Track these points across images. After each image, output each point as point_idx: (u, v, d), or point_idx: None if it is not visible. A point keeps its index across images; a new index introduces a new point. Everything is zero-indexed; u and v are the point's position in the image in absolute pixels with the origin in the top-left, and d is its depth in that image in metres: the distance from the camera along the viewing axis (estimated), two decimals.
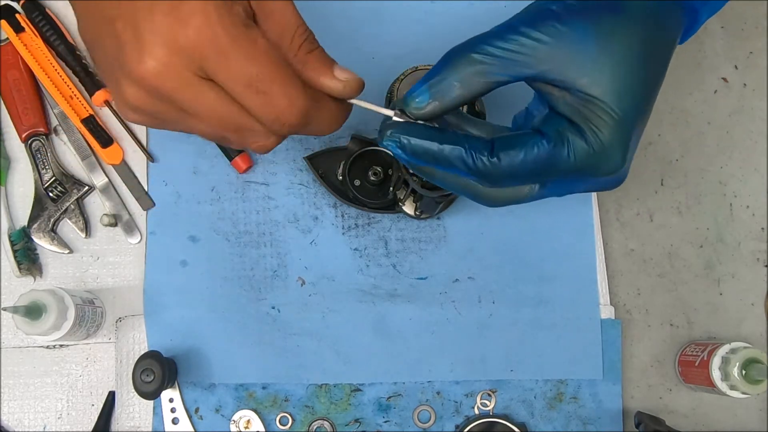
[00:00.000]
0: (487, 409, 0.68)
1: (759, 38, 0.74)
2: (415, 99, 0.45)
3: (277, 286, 0.68)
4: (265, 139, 0.46)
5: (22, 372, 0.68)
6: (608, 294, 0.69)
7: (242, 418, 0.67)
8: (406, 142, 0.45)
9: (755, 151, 0.73)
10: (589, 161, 0.44)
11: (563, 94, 0.45)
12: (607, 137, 0.44)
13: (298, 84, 0.43)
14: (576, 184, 0.48)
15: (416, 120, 0.46)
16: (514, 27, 0.44)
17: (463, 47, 0.45)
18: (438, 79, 0.44)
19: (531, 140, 0.44)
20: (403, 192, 0.65)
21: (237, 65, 0.41)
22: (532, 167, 0.44)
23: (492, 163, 0.44)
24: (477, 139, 0.45)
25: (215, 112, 0.43)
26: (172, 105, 0.42)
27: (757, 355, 0.61)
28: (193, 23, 0.39)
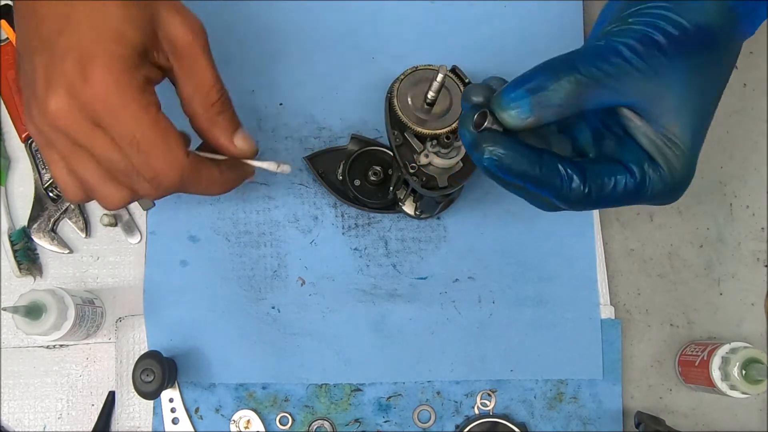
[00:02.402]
0: (487, 409, 0.68)
1: (759, 38, 0.74)
2: (514, 107, 0.42)
3: (277, 286, 0.68)
4: (149, 190, 0.50)
5: (22, 372, 0.68)
6: (608, 294, 0.69)
7: (242, 418, 0.67)
8: (507, 162, 0.43)
9: (755, 151, 0.73)
10: (662, 195, 0.46)
11: (645, 126, 0.45)
12: (680, 174, 0.45)
13: (179, 152, 0.48)
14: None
15: (513, 128, 0.43)
16: (617, 50, 0.43)
17: (569, 62, 0.43)
18: (541, 90, 0.42)
19: (620, 175, 0.45)
20: (403, 192, 0.65)
21: (123, 125, 0.46)
22: (614, 199, 0.45)
23: (583, 195, 0.44)
24: (571, 165, 0.44)
25: (103, 156, 0.47)
26: (67, 139, 0.47)
27: (757, 355, 0.61)
28: (94, 80, 0.45)
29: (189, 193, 0.53)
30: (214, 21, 0.71)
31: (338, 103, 0.71)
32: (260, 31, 0.71)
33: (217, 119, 0.51)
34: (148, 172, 0.48)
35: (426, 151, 0.56)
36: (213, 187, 0.54)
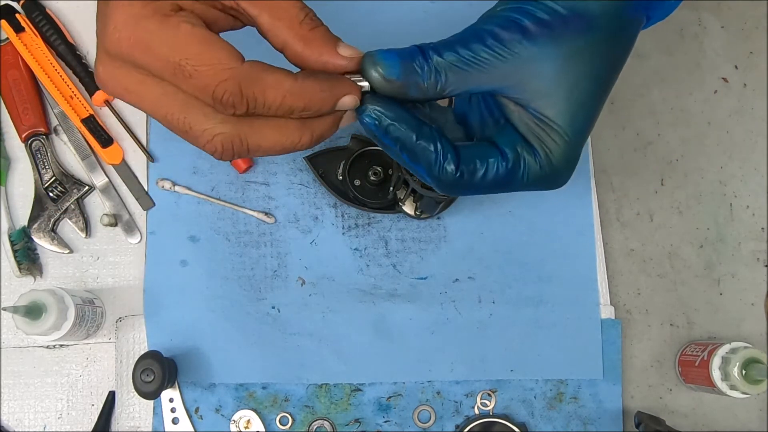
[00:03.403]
0: (487, 409, 0.68)
1: (759, 38, 0.74)
2: (384, 66, 0.43)
3: (277, 286, 0.68)
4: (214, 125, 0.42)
5: (22, 372, 0.68)
6: (608, 294, 0.69)
7: (242, 418, 0.67)
8: (386, 124, 0.44)
9: (755, 151, 0.73)
10: (539, 181, 0.45)
11: (519, 110, 0.45)
12: (559, 159, 0.45)
13: (225, 58, 0.40)
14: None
15: (373, 84, 0.44)
16: (480, 36, 0.43)
17: (438, 46, 0.44)
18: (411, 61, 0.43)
19: (492, 158, 0.45)
20: (403, 192, 0.65)
21: (158, 57, 0.40)
22: (487, 184, 0.45)
23: (455, 177, 0.44)
24: (448, 146, 0.44)
25: (159, 98, 0.42)
26: (126, 92, 0.43)
27: (757, 355, 0.61)
28: (112, 24, 0.41)
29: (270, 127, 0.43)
30: None
31: None
32: None
33: (311, 36, 0.43)
34: (203, 93, 0.41)
35: None
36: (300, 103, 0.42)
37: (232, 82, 0.40)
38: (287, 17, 0.42)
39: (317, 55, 0.43)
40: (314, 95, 0.42)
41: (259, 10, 0.43)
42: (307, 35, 0.43)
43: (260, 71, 0.41)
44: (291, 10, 0.43)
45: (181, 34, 0.40)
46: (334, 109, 0.43)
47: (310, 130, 0.43)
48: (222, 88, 0.40)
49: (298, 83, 0.41)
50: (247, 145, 0.42)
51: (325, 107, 0.42)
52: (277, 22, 0.43)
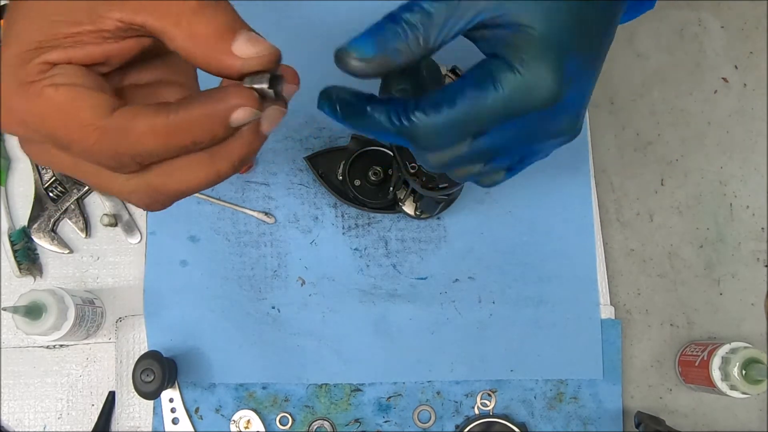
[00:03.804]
0: (487, 409, 0.68)
1: (759, 38, 0.74)
2: (358, 49, 0.40)
3: (277, 286, 0.68)
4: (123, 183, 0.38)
5: (22, 372, 0.68)
6: (608, 294, 0.69)
7: (242, 418, 0.67)
8: (338, 105, 0.42)
9: (755, 151, 0.73)
10: (519, 91, 0.40)
11: (495, 32, 0.40)
12: (534, 57, 0.39)
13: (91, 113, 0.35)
14: (526, 145, 0.44)
15: (354, 74, 0.40)
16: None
17: (391, 16, 0.40)
18: (388, 35, 0.39)
19: (453, 86, 0.40)
20: (403, 192, 0.65)
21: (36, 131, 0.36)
22: (459, 115, 0.40)
23: (415, 122, 0.40)
24: (405, 99, 0.41)
25: (72, 166, 0.39)
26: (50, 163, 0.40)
27: (757, 355, 0.61)
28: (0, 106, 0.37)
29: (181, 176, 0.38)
30: None
31: None
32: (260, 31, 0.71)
33: (199, 30, 0.35)
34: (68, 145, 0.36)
35: None
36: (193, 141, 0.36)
37: (103, 144, 0.35)
38: (172, 11, 0.35)
39: (205, 55, 0.35)
40: (196, 125, 0.35)
41: (145, 13, 0.35)
42: (194, 29, 0.35)
43: (129, 119, 0.35)
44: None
45: (42, 103, 0.35)
46: (231, 129, 0.36)
47: (225, 158, 0.37)
48: (96, 153, 0.35)
49: (171, 119, 0.35)
50: (166, 193, 0.38)
51: (217, 134, 0.36)
52: (164, 20, 0.35)
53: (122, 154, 0.35)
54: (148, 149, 0.35)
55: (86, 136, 0.35)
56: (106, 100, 0.35)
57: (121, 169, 0.36)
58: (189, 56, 0.35)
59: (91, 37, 0.35)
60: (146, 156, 0.36)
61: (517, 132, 0.42)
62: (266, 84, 0.36)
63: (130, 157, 0.35)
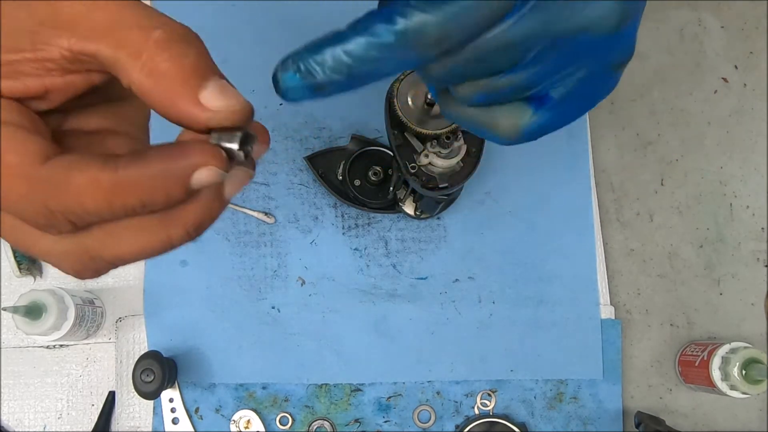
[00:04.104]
0: (487, 409, 0.68)
1: (759, 38, 0.74)
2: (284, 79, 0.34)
3: (277, 286, 0.68)
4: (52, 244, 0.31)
5: (22, 372, 0.68)
6: (608, 294, 0.69)
7: (242, 418, 0.67)
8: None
9: (755, 151, 0.73)
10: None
11: None
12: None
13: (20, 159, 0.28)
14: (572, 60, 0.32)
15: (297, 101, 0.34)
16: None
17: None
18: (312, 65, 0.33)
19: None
20: (403, 192, 0.65)
21: None
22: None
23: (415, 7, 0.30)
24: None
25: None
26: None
27: (757, 355, 0.61)
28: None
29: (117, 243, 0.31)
30: (215, 21, 0.72)
31: (338, 103, 0.71)
32: (260, 31, 0.71)
33: (163, 69, 0.28)
34: (11, 212, 0.30)
35: (426, 151, 0.56)
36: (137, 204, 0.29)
37: (31, 198, 0.29)
38: (132, 40, 0.29)
39: (166, 99, 0.29)
40: (149, 184, 0.28)
41: (98, 40, 0.29)
42: (157, 66, 0.29)
43: (66, 171, 0.28)
44: (135, 24, 0.29)
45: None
46: (190, 191, 0.29)
47: (179, 223, 0.31)
48: (22, 207, 0.29)
49: (120, 174, 0.28)
50: (103, 261, 0.31)
51: (174, 195, 0.29)
52: (120, 50, 0.29)
53: (54, 212, 0.29)
54: (87, 209, 0.28)
55: (12, 187, 0.28)
56: (40, 145, 0.29)
57: (50, 229, 0.30)
58: (146, 96, 0.29)
59: (32, 66, 0.29)
60: (84, 217, 0.29)
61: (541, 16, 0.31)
62: (237, 144, 0.30)
63: (64, 217, 0.29)
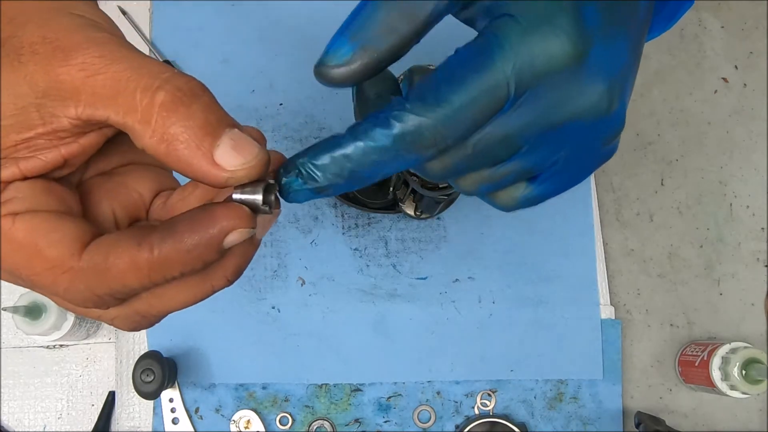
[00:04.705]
0: (487, 409, 0.68)
1: (759, 38, 0.74)
2: (334, 54, 0.32)
3: (277, 286, 0.69)
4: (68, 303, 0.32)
5: (22, 372, 0.68)
6: (608, 294, 0.69)
7: (242, 418, 0.67)
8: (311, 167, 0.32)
9: (755, 151, 0.73)
10: (527, 43, 0.30)
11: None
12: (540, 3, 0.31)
13: (58, 253, 0.29)
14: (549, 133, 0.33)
15: (344, 85, 0.33)
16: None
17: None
18: (360, 23, 0.32)
19: (448, 61, 0.32)
20: (403, 192, 0.65)
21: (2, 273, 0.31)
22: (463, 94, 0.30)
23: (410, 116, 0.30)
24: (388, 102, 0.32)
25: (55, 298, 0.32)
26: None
27: (757, 355, 0.61)
28: None
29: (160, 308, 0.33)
30: (215, 21, 0.72)
31: (338, 103, 0.71)
32: (260, 31, 0.71)
33: (168, 120, 0.28)
34: (34, 287, 0.30)
35: None
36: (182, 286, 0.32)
37: (78, 290, 0.29)
38: (137, 105, 0.28)
39: (182, 163, 0.28)
40: (184, 257, 0.29)
41: (105, 107, 0.28)
42: (167, 130, 0.28)
43: (105, 257, 0.29)
44: (139, 86, 0.28)
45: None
46: (223, 252, 0.30)
47: (220, 274, 0.33)
48: (71, 297, 0.30)
49: (155, 255, 0.29)
50: (153, 316, 0.33)
51: (210, 260, 0.30)
52: (128, 117, 0.28)
53: (100, 296, 0.30)
54: (131, 287, 0.29)
55: (55, 281, 0.29)
56: (75, 232, 0.29)
57: (100, 306, 0.31)
58: (161, 160, 0.29)
59: (45, 140, 0.29)
60: (129, 293, 0.30)
61: (534, 109, 0.31)
62: (260, 197, 0.30)
63: (110, 296, 0.30)
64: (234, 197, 0.30)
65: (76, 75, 0.28)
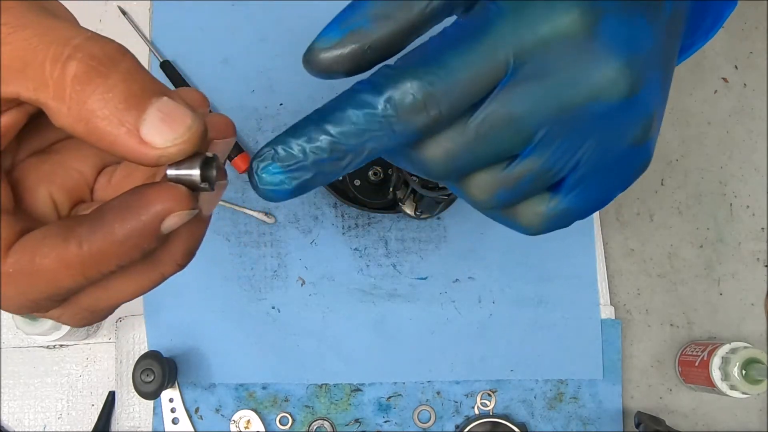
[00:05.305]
0: (487, 409, 0.68)
1: (759, 38, 0.74)
2: (323, 39, 0.30)
3: (277, 286, 0.69)
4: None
5: (22, 372, 0.68)
6: (608, 294, 0.69)
7: (242, 418, 0.67)
8: (295, 148, 0.28)
9: (755, 151, 0.73)
10: (529, 7, 0.28)
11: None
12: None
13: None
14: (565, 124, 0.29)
15: (332, 72, 0.30)
16: None
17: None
18: (353, 10, 0.30)
19: (440, 32, 0.29)
20: (403, 192, 0.65)
21: None
22: (461, 55, 0.27)
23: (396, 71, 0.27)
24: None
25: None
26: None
27: (757, 355, 0.61)
28: None
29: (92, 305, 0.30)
30: (215, 21, 0.72)
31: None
32: (261, 31, 0.71)
33: (83, 95, 0.24)
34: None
35: None
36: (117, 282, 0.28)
37: (9, 297, 0.27)
38: (49, 77, 0.24)
39: (106, 142, 0.24)
40: (118, 250, 0.26)
41: (13, 82, 0.24)
42: (84, 106, 0.24)
43: (29, 261, 0.26)
44: (48, 56, 0.24)
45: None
46: (164, 236, 0.26)
47: (168, 259, 0.29)
48: (5, 305, 0.27)
49: (85, 251, 0.25)
50: (102, 310, 0.30)
51: (149, 248, 0.26)
52: (40, 92, 0.24)
53: (35, 300, 0.27)
54: (66, 287, 0.26)
55: None
56: (6, 229, 0.26)
57: (39, 310, 0.28)
58: (84, 140, 0.25)
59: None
60: (66, 294, 0.27)
61: (542, 85, 0.28)
62: (197, 174, 0.26)
63: (46, 299, 0.27)
64: (168, 174, 0.26)
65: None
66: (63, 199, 0.30)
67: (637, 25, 0.29)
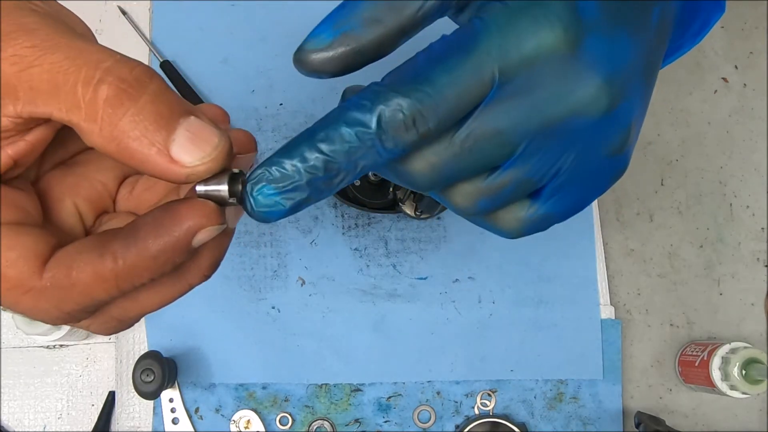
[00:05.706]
0: (487, 409, 0.68)
1: (759, 38, 0.74)
2: (314, 39, 0.31)
3: (277, 286, 0.69)
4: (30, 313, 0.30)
5: (22, 372, 0.68)
6: (608, 294, 0.69)
7: (242, 418, 0.67)
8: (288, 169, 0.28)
9: (755, 151, 0.73)
10: (514, 25, 0.28)
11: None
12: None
13: (17, 272, 0.27)
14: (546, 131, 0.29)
15: (321, 73, 0.31)
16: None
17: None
18: (344, 12, 0.31)
19: (427, 47, 0.29)
20: (403, 192, 0.65)
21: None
22: (449, 72, 0.28)
23: (386, 89, 0.28)
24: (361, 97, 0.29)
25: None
26: None
27: (757, 355, 0.61)
28: None
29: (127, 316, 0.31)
30: (215, 21, 0.72)
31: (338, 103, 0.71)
32: (260, 31, 0.71)
33: (114, 116, 0.25)
34: (8, 308, 0.28)
35: None
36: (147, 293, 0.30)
37: (43, 309, 0.27)
38: (81, 99, 0.25)
39: (136, 161, 0.26)
40: (152, 265, 0.27)
41: (45, 103, 0.25)
42: (115, 127, 0.25)
43: (66, 274, 0.27)
44: (79, 79, 0.25)
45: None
46: (192, 251, 0.28)
47: (195, 271, 0.30)
48: (38, 316, 0.28)
49: (120, 265, 0.27)
50: (130, 319, 0.31)
51: (180, 261, 0.28)
52: (72, 114, 0.25)
53: (69, 312, 0.28)
54: (99, 299, 0.27)
55: (18, 301, 0.27)
56: (34, 247, 0.27)
57: (71, 321, 0.29)
58: (116, 160, 0.26)
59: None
60: (98, 306, 0.28)
61: (526, 100, 0.29)
62: (225, 187, 0.28)
63: (79, 311, 0.28)
64: (198, 190, 0.28)
65: (9, 70, 0.25)
66: (87, 211, 0.32)
67: (619, 40, 0.30)
